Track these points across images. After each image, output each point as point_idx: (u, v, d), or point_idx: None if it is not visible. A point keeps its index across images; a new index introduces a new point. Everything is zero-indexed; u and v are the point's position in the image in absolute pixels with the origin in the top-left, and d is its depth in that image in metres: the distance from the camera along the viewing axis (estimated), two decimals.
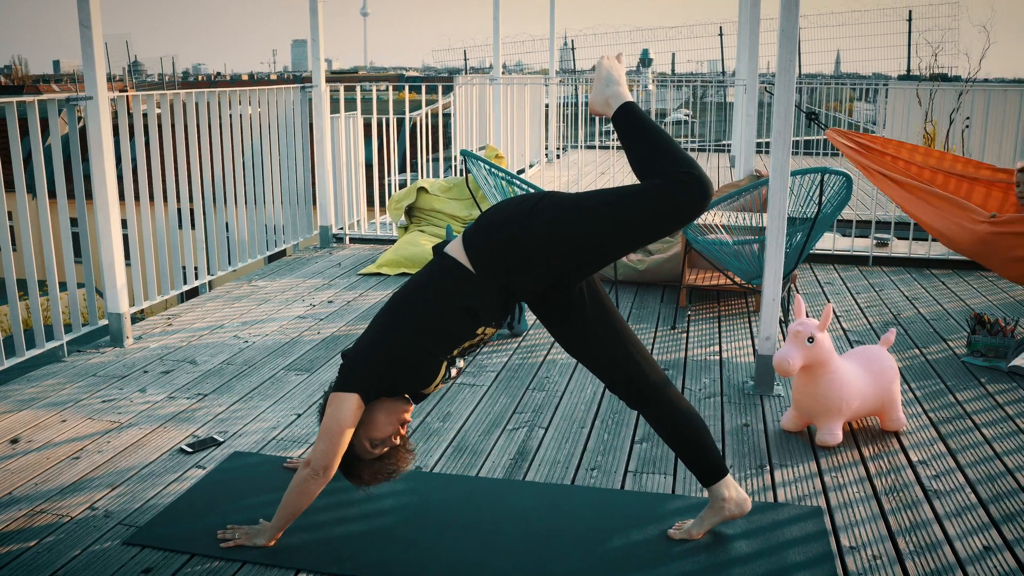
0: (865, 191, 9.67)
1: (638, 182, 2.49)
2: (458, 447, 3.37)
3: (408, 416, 2.68)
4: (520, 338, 4.70)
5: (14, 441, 3.41)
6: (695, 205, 2.42)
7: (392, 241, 7.09)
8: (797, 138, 11.86)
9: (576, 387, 3.99)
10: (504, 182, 5.11)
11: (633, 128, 2.53)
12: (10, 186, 4.18)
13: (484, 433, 3.50)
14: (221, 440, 3.40)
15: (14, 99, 4.12)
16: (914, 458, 3.29)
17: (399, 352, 2.56)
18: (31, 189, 4.30)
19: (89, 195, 4.55)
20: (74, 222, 4.23)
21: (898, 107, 10.18)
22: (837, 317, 5.11)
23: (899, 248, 6.73)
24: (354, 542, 2.68)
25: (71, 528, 2.76)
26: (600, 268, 2.62)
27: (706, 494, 2.87)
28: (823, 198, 4.42)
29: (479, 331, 2.58)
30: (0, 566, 2.55)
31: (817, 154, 12.66)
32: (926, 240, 6.59)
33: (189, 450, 3.31)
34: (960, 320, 5.04)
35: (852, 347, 4.51)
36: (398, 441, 2.68)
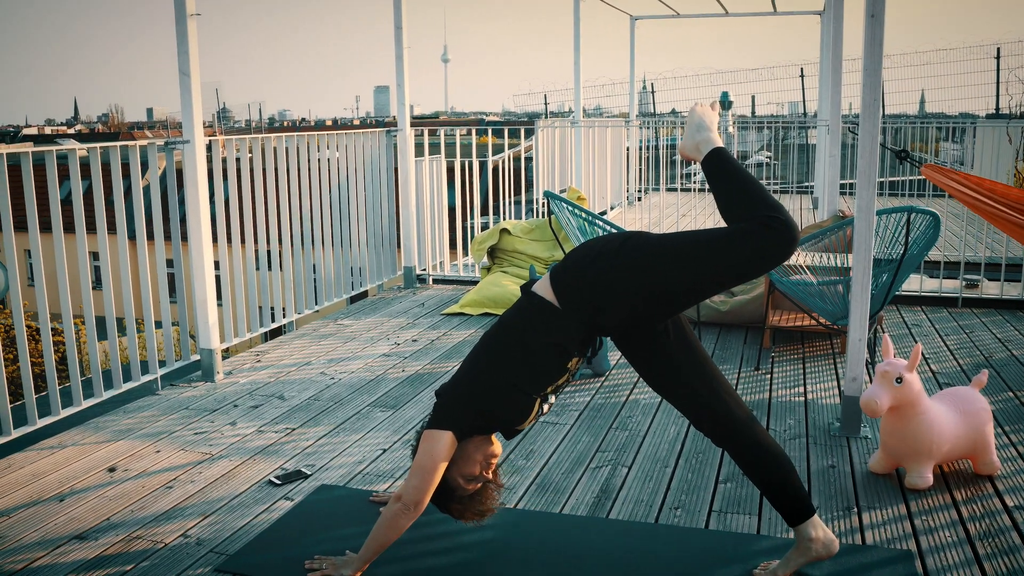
0: (953, 231, 9.47)
1: (724, 225, 2.51)
2: (541, 484, 3.39)
3: (497, 451, 2.73)
4: (603, 378, 4.70)
5: (111, 470, 3.53)
6: (782, 249, 2.43)
7: (475, 282, 7.17)
8: (882, 179, 11.68)
9: (659, 427, 3.98)
10: (586, 223, 5.15)
11: (722, 173, 2.56)
12: (112, 228, 4.36)
13: (567, 471, 3.51)
14: (309, 473, 3.48)
15: (118, 143, 4.30)
16: (1010, 503, 3.20)
17: (492, 390, 2.61)
18: (131, 232, 4.47)
19: (184, 237, 4.72)
20: (170, 263, 4.43)
21: (986, 146, 9.97)
22: (926, 359, 5.00)
23: (990, 289, 6.56)
24: (438, 575, 2.71)
25: (165, 554, 2.85)
26: (685, 309, 2.63)
27: (792, 535, 2.83)
28: (910, 238, 4.35)
29: (569, 365, 2.61)
30: None
31: (903, 195, 12.44)
32: (1019, 281, 6.42)
33: (278, 482, 3.39)
34: None
35: (941, 389, 4.41)
36: (490, 475, 2.72)
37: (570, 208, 5.16)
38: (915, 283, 6.66)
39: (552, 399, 2.72)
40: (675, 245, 2.51)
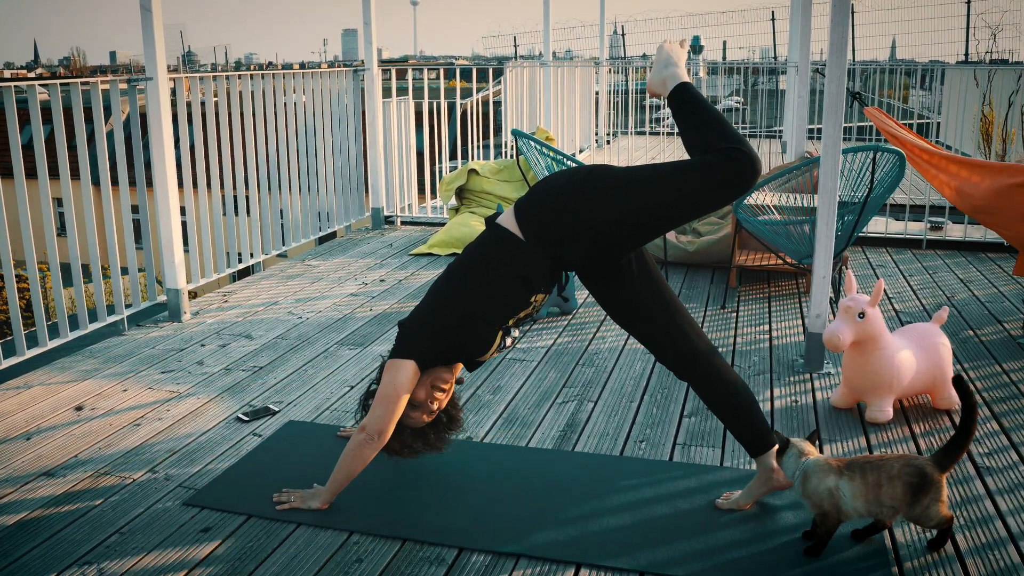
0: (919, 174, 9.53)
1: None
2: (508, 419, 3.42)
3: (447, 379, 2.73)
4: (570, 316, 4.73)
5: (78, 408, 3.52)
6: (743, 180, 2.45)
7: (443, 224, 7.16)
8: (850, 124, 11.70)
9: (625, 364, 4.02)
10: (555, 162, 5.14)
11: (687, 107, 2.58)
12: (75, 173, 4.29)
13: (534, 406, 3.54)
14: (276, 410, 3.49)
15: (79, 80, 4.22)
16: None
17: (455, 321, 2.62)
18: (94, 177, 4.40)
19: (149, 182, 4.66)
20: (135, 209, 4.37)
21: (954, 91, 10.00)
22: (889, 298, 5.07)
23: (954, 232, 6.64)
24: (405, 507, 2.74)
25: (134, 489, 2.86)
26: (647, 241, 2.65)
27: (754, 466, 2.88)
28: (875, 177, 4.39)
29: (532, 299, 2.63)
30: (69, 522, 2.65)
31: (870, 140, 12.50)
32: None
33: (245, 419, 3.40)
34: (1016, 302, 4.98)
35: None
36: (435, 407, 2.74)
37: (538, 147, 5.15)
38: (881, 225, 6.72)
39: (515, 332, 2.74)
40: (638, 176, 2.52)
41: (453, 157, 13.79)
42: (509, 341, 2.72)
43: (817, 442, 2.61)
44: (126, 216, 4.58)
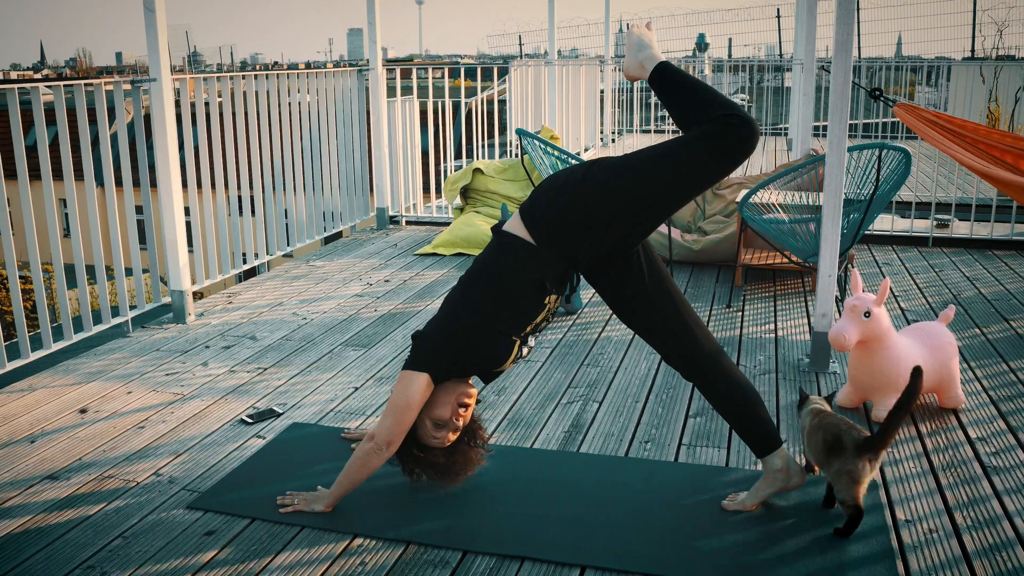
0: (924, 172, 9.52)
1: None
2: (513, 420, 3.41)
3: (472, 394, 2.71)
4: (575, 316, 4.72)
5: (83, 411, 3.52)
6: (743, 144, 2.41)
7: (448, 223, 7.15)
8: (855, 121, 11.63)
9: (630, 363, 4.00)
10: (559, 161, 5.13)
11: (671, 85, 2.55)
12: (79, 175, 4.29)
13: (538, 407, 3.53)
14: (280, 411, 3.48)
15: (82, 82, 4.22)
16: (973, 435, 3.25)
17: (470, 332, 2.60)
18: (99, 178, 4.41)
19: (153, 183, 4.66)
20: (139, 209, 4.36)
21: (960, 88, 9.98)
22: (895, 296, 5.05)
23: (960, 229, 6.61)
24: (409, 509, 2.73)
25: (138, 492, 2.85)
26: (657, 225, 2.62)
27: (760, 466, 2.87)
28: (881, 174, 4.37)
29: (546, 300, 2.60)
30: (72, 526, 2.65)
31: (876, 137, 12.46)
32: (989, 221, 6.47)
33: (249, 421, 3.39)
34: (1023, 300, 4.95)
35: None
36: (460, 423, 2.70)
37: (543, 146, 5.14)
38: (887, 223, 6.70)
39: (532, 341, 2.71)
40: (639, 160, 2.50)
41: (458, 156, 13.78)
42: (526, 351, 2.70)
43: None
44: (130, 217, 4.57)
